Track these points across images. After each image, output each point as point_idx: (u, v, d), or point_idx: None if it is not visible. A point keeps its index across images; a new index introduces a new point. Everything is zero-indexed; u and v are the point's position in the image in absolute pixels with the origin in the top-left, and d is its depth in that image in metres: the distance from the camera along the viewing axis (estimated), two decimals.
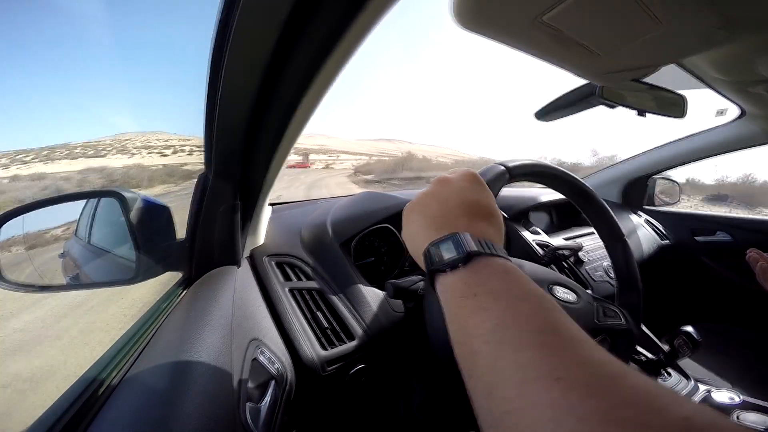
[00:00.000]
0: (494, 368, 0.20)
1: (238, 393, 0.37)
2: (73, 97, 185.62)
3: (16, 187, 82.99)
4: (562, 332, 0.20)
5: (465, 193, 0.32)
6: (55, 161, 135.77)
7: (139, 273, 0.55)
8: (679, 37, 0.48)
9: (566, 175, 0.54)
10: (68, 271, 0.83)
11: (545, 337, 0.20)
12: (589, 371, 0.18)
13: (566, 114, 0.87)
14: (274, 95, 0.43)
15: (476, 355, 0.21)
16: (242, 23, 0.34)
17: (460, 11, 0.41)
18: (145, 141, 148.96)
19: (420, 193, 0.34)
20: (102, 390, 0.37)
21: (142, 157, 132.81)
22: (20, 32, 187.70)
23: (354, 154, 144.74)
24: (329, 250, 0.72)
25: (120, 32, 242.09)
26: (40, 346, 2.64)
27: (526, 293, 0.23)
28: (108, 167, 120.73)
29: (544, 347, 0.19)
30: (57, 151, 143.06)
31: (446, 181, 0.34)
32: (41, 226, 0.64)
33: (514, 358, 0.20)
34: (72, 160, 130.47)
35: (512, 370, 0.19)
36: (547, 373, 0.18)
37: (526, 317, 0.21)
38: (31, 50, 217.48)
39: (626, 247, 0.55)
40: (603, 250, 1.00)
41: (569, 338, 0.20)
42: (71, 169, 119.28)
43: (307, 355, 0.56)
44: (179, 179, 65.60)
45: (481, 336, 0.22)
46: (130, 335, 0.47)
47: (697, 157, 1.32)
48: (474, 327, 0.22)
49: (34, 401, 1.93)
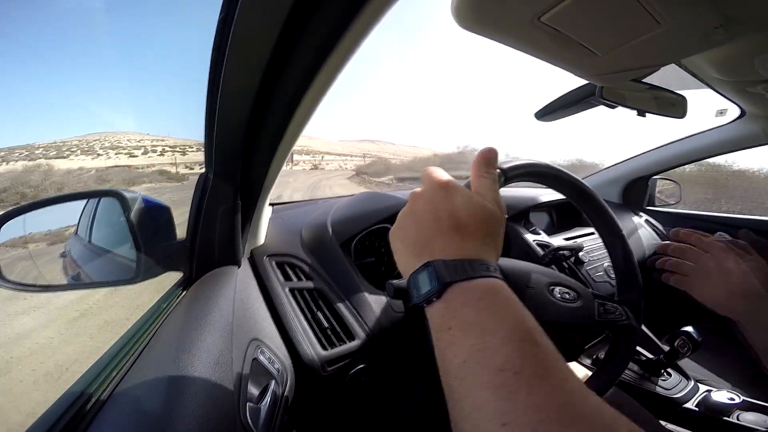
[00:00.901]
0: (460, 406, 0.20)
1: (238, 393, 0.37)
2: (65, 96, 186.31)
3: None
4: (524, 370, 0.20)
5: (438, 205, 0.30)
6: (10, 163, 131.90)
7: (139, 273, 0.55)
8: (679, 37, 0.48)
9: (565, 175, 0.54)
10: (69, 270, 0.83)
11: (504, 377, 0.19)
12: (538, 417, 0.17)
13: (566, 114, 0.87)
14: (274, 95, 0.43)
15: (450, 390, 0.22)
16: (242, 23, 0.34)
17: (460, 11, 0.41)
18: (115, 141, 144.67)
19: (399, 214, 0.32)
20: (102, 390, 0.37)
21: (108, 158, 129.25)
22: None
23: (338, 155, 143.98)
24: (329, 250, 0.72)
25: (119, 32, 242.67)
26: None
27: (497, 323, 0.22)
28: (71, 169, 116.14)
29: (500, 388, 0.19)
30: (17, 152, 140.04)
31: (417, 196, 0.32)
32: (41, 226, 0.64)
33: (473, 399, 0.20)
34: (29, 162, 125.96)
35: (470, 409, 0.20)
36: (496, 417, 0.18)
37: (491, 353, 0.21)
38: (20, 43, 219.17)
39: (625, 244, 0.55)
40: (603, 251, 1.00)
41: (529, 376, 0.19)
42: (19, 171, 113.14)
43: (308, 355, 0.56)
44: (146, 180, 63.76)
45: (451, 372, 0.22)
46: (130, 335, 0.47)
47: (697, 157, 1.32)
48: (447, 362, 0.22)
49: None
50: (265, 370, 0.44)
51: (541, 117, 0.90)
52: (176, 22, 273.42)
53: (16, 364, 2.63)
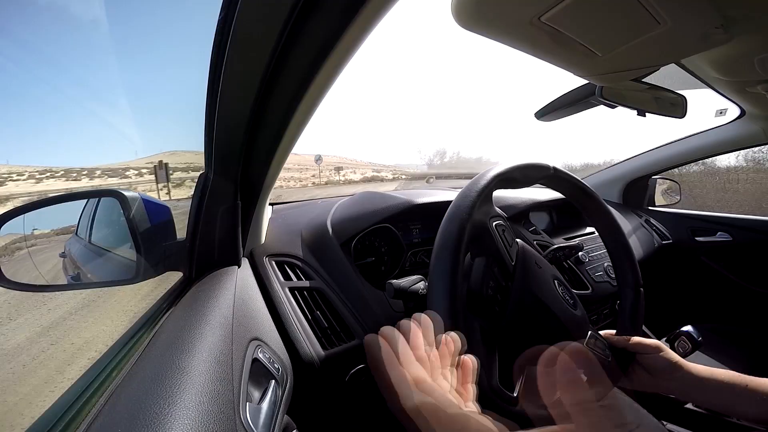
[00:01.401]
0: None
1: (238, 393, 0.37)
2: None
3: None
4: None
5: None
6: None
7: (139, 273, 0.55)
8: (679, 37, 0.48)
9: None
10: (69, 270, 0.83)
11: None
12: None
13: (566, 114, 0.87)
14: (274, 95, 0.43)
15: None
16: (242, 23, 0.34)
17: (459, 11, 0.41)
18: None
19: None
20: (102, 390, 0.37)
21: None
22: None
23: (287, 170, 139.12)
24: (329, 250, 0.72)
25: (118, 32, 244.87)
26: None
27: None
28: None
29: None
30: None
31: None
32: (42, 227, 0.64)
33: None
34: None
35: None
36: None
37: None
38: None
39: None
40: (603, 250, 1.00)
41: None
42: None
43: (308, 354, 0.56)
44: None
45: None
46: (130, 335, 0.47)
47: (697, 157, 1.32)
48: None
49: None
50: (265, 370, 0.44)
51: (541, 117, 0.90)
52: (176, 22, 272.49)
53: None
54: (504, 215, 0.51)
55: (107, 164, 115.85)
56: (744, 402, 0.46)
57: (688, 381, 0.49)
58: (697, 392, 0.49)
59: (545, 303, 0.45)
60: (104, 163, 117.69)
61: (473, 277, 0.45)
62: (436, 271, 0.41)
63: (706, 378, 0.48)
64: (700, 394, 0.49)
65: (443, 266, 0.40)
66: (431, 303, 0.40)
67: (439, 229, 0.44)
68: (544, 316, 0.44)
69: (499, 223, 0.49)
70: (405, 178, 46.73)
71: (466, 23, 0.43)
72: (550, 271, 0.49)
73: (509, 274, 0.45)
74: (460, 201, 0.45)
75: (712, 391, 0.48)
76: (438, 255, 0.42)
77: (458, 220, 0.43)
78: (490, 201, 0.50)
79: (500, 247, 0.46)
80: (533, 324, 0.40)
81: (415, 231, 0.83)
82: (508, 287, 0.45)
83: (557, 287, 0.48)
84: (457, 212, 0.44)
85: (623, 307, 0.60)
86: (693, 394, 0.50)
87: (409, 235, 0.82)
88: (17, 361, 2.54)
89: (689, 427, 0.69)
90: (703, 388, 0.48)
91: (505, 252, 0.47)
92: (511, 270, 0.46)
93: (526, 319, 0.42)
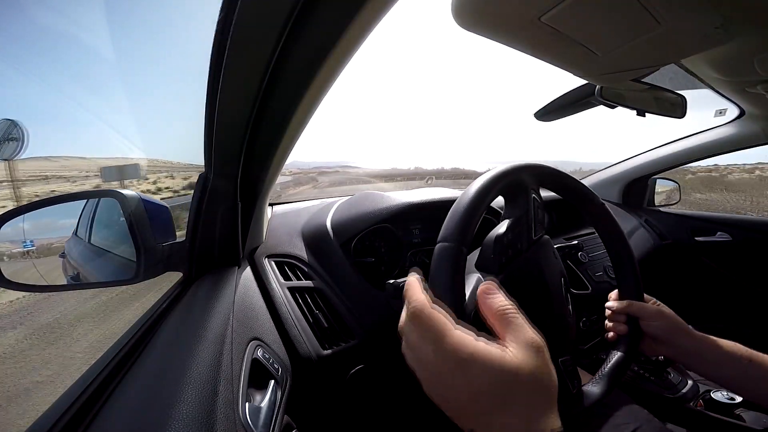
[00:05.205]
0: None
1: (238, 393, 0.37)
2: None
3: None
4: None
5: (451, 385, 0.24)
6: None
7: (139, 273, 0.55)
8: (679, 37, 0.48)
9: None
10: (68, 270, 0.83)
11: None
12: None
13: (566, 114, 0.87)
14: (274, 95, 0.43)
15: None
16: (242, 23, 0.34)
17: (460, 11, 0.41)
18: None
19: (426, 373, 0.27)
20: (102, 390, 0.37)
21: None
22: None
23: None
24: (329, 250, 0.72)
25: (118, 32, 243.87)
26: None
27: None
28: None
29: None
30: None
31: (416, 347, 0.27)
32: (42, 227, 0.64)
33: None
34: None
35: None
36: None
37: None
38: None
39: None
40: (603, 251, 1.00)
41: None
42: None
43: (307, 354, 0.56)
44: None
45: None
46: (130, 335, 0.47)
47: (697, 157, 1.32)
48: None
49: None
50: (265, 369, 0.44)
51: (540, 117, 0.90)
52: (176, 22, 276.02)
53: None
54: (541, 198, 0.50)
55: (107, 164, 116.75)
56: (743, 377, 0.47)
57: (690, 348, 0.49)
58: (699, 361, 0.49)
59: (547, 283, 0.45)
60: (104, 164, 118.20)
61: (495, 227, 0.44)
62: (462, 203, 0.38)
63: (708, 346, 0.49)
64: (701, 364, 0.49)
65: (475, 202, 0.38)
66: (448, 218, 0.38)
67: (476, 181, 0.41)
68: (541, 294, 0.43)
69: (536, 198, 0.48)
70: (400, 179, 46.72)
71: (466, 24, 0.43)
72: (561, 267, 0.50)
73: (528, 242, 0.45)
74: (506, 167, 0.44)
75: (714, 363, 0.48)
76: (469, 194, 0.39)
77: (501, 175, 0.42)
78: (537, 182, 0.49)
79: (530, 214, 0.46)
80: (526, 294, 0.38)
81: (414, 231, 0.83)
82: (521, 251, 0.44)
83: (562, 283, 0.48)
84: (505, 169, 0.43)
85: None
86: (695, 364, 0.50)
87: (409, 235, 0.82)
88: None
89: (689, 427, 0.69)
90: (705, 357, 0.48)
91: (532, 221, 0.47)
92: (532, 240, 0.46)
93: (522, 285, 0.41)
